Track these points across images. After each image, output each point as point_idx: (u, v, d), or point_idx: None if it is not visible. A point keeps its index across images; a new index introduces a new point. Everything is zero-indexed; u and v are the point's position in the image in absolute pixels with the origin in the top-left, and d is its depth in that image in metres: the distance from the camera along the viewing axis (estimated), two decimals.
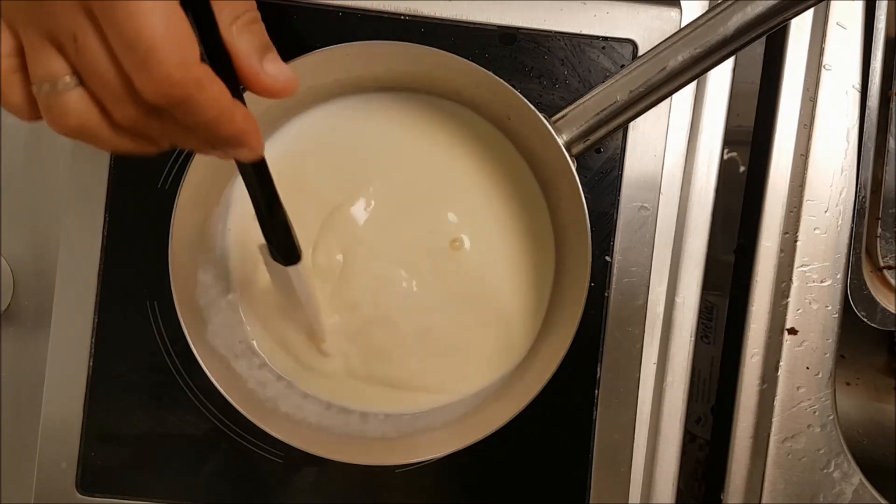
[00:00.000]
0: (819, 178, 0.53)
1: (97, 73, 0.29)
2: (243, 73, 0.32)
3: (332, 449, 0.44)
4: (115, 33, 0.27)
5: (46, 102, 0.30)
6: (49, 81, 0.29)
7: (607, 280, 0.51)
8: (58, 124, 0.31)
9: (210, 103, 0.29)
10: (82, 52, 0.28)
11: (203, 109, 0.29)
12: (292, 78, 0.33)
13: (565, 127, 0.43)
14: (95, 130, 0.31)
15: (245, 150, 0.32)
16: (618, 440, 0.51)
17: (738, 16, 0.40)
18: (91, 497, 0.51)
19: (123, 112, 0.30)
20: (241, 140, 0.32)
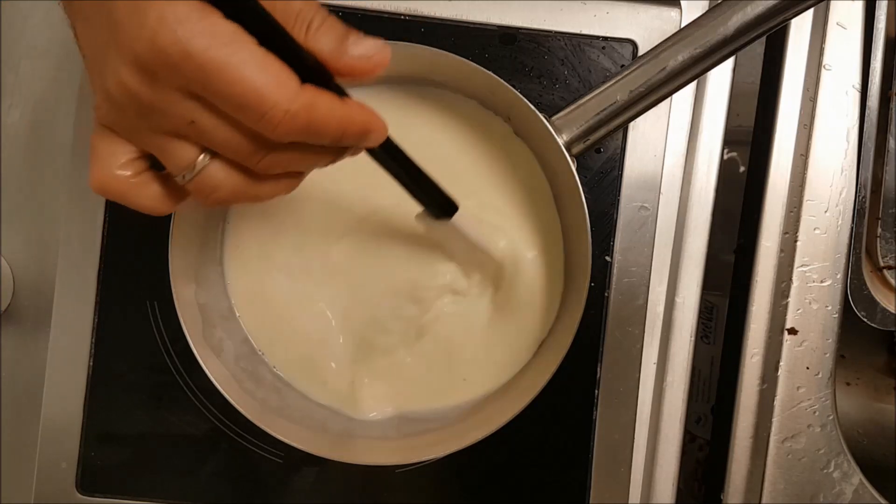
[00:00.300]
0: (819, 178, 0.53)
1: (225, 141, 0.31)
2: (337, 70, 0.32)
3: (332, 449, 0.44)
4: (222, 102, 0.29)
5: (195, 186, 0.33)
6: (188, 168, 0.32)
7: (607, 280, 0.51)
8: (212, 199, 0.33)
9: (328, 117, 0.31)
10: (204, 131, 0.31)
11: (326, 126, 0.31)
12: (381, 46, 0.33)
13: (565, 127, 0.43)
14: (246, 189, 0.33)
15: (373, 137, 0.34)
16: (618, 440, 0.51)
17: (738, 16, 0.40)
18: (91, 497, 0.51)
19: (262, 162, 0.32)
20: (367, 131, 0.33)
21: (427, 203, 0.42)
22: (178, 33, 0.27)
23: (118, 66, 0.29)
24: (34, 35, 0.52)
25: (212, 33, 0.28)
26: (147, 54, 0.28)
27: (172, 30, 0.27)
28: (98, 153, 0.33)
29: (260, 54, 0.29)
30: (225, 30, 0.28)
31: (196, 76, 0.28)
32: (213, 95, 0.29)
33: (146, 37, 0.28)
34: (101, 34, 0.30)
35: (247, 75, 0.28)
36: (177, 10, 0.28)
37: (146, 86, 0.29)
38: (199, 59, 0.28)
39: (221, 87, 0.29)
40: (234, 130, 0.31)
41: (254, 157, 0.32)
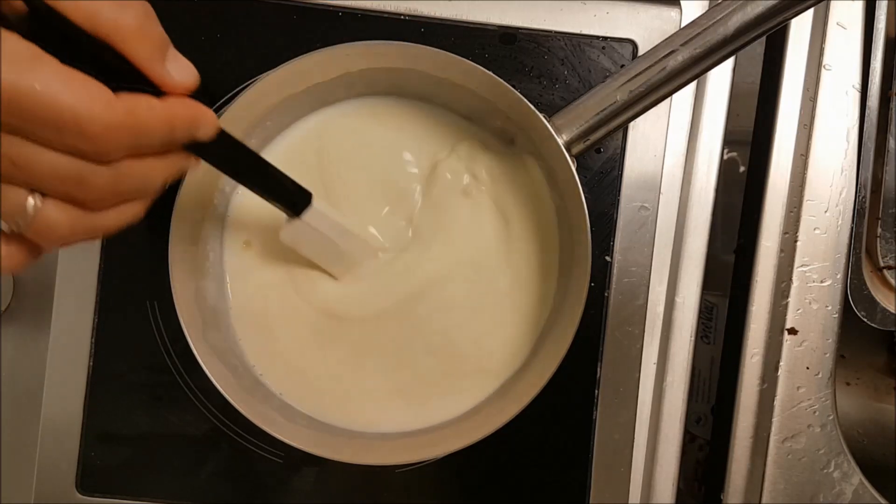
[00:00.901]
0: (819, 178, 0.53)
1: (52, 171, 0.29)
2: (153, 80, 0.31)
3: (332, 449, 0.44)
4: (39, 128, 0.28)
5: (33, 231, 0.31)
6: (20, 214, 0.30)
7: (607, 280, 0.51)
8: (53, 241, 0.31)
9: (150, 117, 0.30)
10: (27, 167, 0.29)
11: (149, 127, 0.30)
12: (194, 75, 0.32)
13: (565, 127, 0.43)
14: (88, 224, 0.32)
15: (204, 127, 0.33)
16: (618, 440, 0.51)
17: (738, 16, 0.40)
18: (91, 497, 0.51)
19: (97, 187, 0.30)
20: (195, 120, 0.32)
21: (279, 198, 0.40)
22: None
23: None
24: None
25: (11, 59, 0.26)
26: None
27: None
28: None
29: (65, 71, 0.28)
30: (23, 51, 0.27)
31: (6, 108, 0.27)
32: (29, 123, 0.28)
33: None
34: None
35: (56, 95, 0.27)
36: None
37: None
38: (10, 95, 0.26)
39: (33, 112, 0.27)
40: (58, 158, 0.29)
41: (85, 184, 0.30)
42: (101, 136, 0.29)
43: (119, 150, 0.30)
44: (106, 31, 0.29)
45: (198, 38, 0.50)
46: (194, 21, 0.50)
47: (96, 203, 0.31)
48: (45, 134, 0.28)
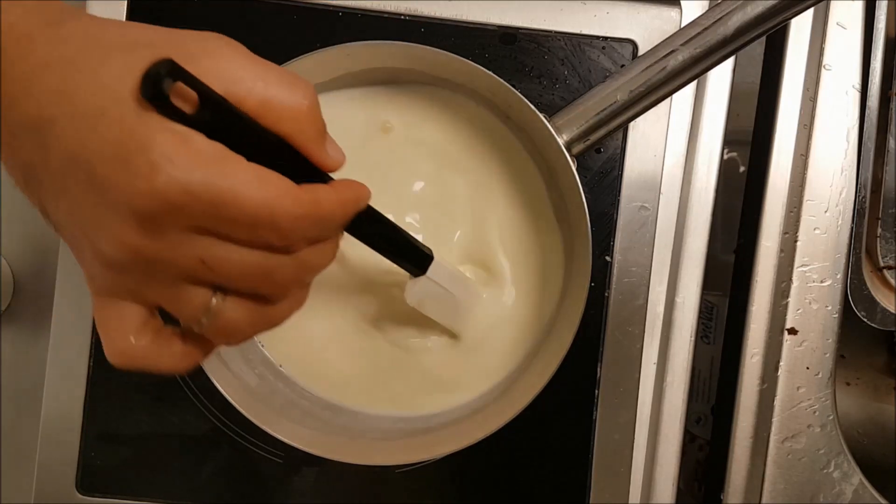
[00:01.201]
0: (819, 178, 0.53)
1: (239, 268, 0.29)
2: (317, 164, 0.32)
3: (332, 449, 0.44)
4: (233, 227, 0.28)
5: (214, 330, 0.31)
6: (203, 313, 0.30)
7: (607, 280, 0.51)
8: (234, 339, 0.32)
9: (331, 206, 0.31)
10: (215, 265, 0.29)
11: (332, 214, 0.31)
12: (343, 153, 0.33)
13: (565, 127, 0.43)
14: (265, 318, 0.32)
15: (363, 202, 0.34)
16: (618, 440, 0.51)
17: (738, 16, 0.40)
18: (91, 497, 0.51)
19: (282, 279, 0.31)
20: (359, 204, 0.33)
21: (410, 259, 0.41)
22: (173, 174, 0.26)
23: (115, 227, 0.27)
24: None
25: (205, 161, 0.27)
26: (148, 205, 0.26)
27: (167, 172, 0.26)
28: (108, 326, 0.31)
29: (254, 169, 0.28)
30: (214, 153, 0.27)
31: (203, 210, 0.27)
32: (223, 223, 0.28)
33: (142, 188, 0.26)
34: (85, 203, 0.27)
35: (251, 194, 0.27)
36: (163, 148, 0.26)
37: (150, 238, 0.27)
38: (204, 193, 0.27)
39: (230, 212, 0.27)
40: (247, 254, 0.29)
41: (271, 278, 0.30)
42: (292, 228, 0.29)
43: (304, 241, 0.30)
44: (277, 117, 0.29)
45: None
46: (194, 21, 0.50)
47: (277, 295, 0.32)
48: (237, 232, 0.28)
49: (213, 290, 0.30)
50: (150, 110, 0.26)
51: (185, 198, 0.26)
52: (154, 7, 0.50)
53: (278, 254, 0.30)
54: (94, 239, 0.28)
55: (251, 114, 0.29)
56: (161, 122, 0.26)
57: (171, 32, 0.29)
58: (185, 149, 0.26)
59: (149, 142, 0.26)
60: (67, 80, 0.27)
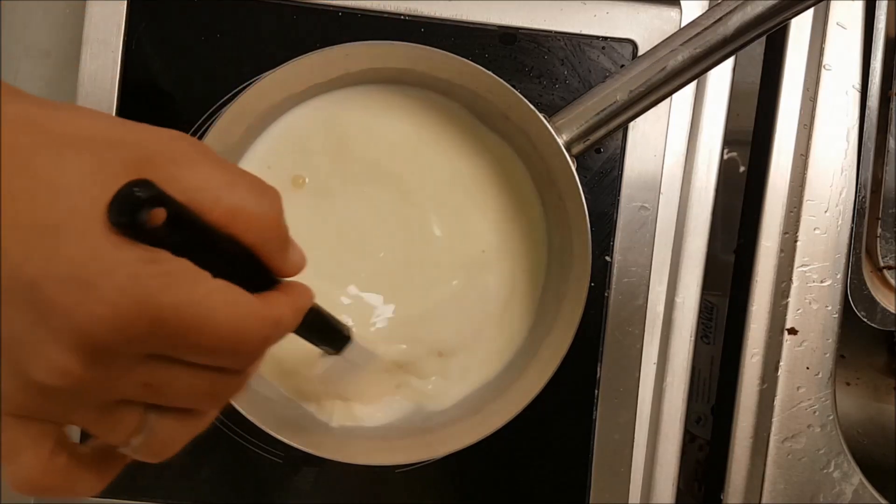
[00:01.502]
0: (819, 178, 0.53)
1: (185, 394, 0.27)
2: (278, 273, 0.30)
3: (332, 449, 0.44)
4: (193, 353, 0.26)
5: (145, 450, 0.28)
6: (134, 434, 0.28)
7: (607, 280, 0.51)
8: (163, 456, 0.30)
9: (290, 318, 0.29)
10: (161, 391, 0.26)
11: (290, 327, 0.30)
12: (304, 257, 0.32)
13: (565, 127, 0.43)
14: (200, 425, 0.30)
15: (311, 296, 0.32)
16: (618, 440, 0.51)
17: (738, 16, 0.40)
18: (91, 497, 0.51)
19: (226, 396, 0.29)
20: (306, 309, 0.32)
21: (333, 343, 0.42)
22: (144, 299, 0.23)
23: (53, 353, 0.23)
24: (34, 35, 0.52)
25: (175, 283, 0.24)
26: (104, 334, 0.23)
27: (135, 297, 0.23)
28: (15, 452, 0.26)
29: (222, 290, 0.25)
30: (184, 273, 0.24)
31: (167, 337, 0.24)
32: (184, 350, 0.25)
33: (103, 315, 0.23)
34: (17, 320, 0.23)
35: (220, 318, 0.25)
36: (130, 269, 0.23)
37: (95, 367, 0.24)
38: (173, 319, 0.24)
39: (194, 339, 0.25)
40: (195, 376, 0.27)
41: (213, 398, 0.28)
42: (254, 352, 0.27)
43: (259, 358, 0.28)
44: (245, 228, 0.27)
45: (198, 38, 0.50)
46: (194, 21, 0.50)
47: (213, 407, 0.30)
48: (194, 356, 0.26)
49: (145, 408, 0.27)
50: (115, 230, 0.23)
51: (153, 325, 0.23)
52: (154, 7, 0.50)
53: (229, 372, 0.28)
54: (20, 359, 0.24)
55: (217, 224, 0.26)
56: (127, 241, 0.23)
57: (131, 129, 0.26)
58: (154, 269, 0.23)
59: (114, 262, 0.23)
60: (7, 179, 0.22)
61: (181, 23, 0.50)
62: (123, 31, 0.50)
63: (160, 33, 0.50)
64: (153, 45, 0.50)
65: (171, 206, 0.24)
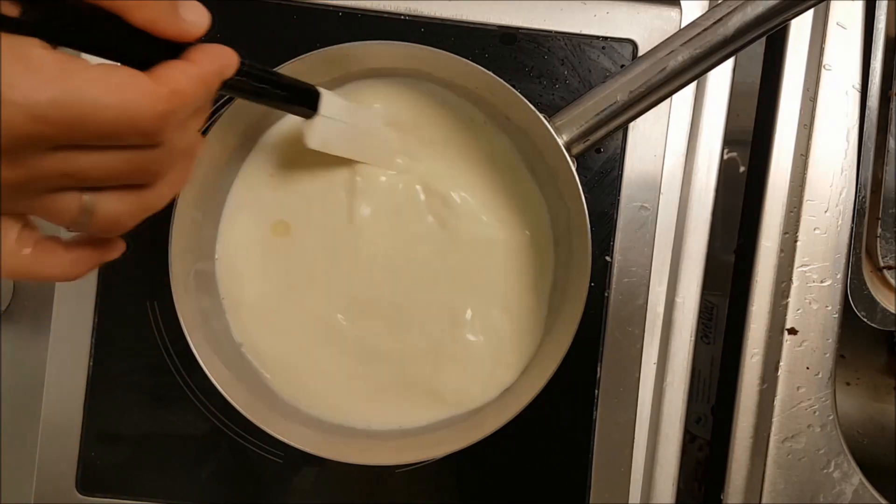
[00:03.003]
0: (819, 178, 0.53)
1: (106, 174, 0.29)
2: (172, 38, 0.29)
3: (332, 449, 0.44)
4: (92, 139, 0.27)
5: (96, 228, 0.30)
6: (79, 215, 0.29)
7: (607, 280, 0.51)
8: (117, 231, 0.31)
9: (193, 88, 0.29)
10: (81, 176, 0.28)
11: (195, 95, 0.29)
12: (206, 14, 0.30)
13: (565, 127, 0.43)
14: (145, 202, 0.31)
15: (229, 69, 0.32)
16: (618, 440, 0.51)
17: (738, 16, 0.40)
18: (91, 497, 0.51)
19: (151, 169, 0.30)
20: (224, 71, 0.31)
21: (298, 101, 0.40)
22: (18, 101, 0.24)
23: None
24: None
25: (49, 78, 0.25)
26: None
27: (10, 101, 0.24)
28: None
29: (102, 75, 0.26)
30: (56, 65, 0.25)
31: (58, 131, 0.26)
32: (81, 138, 0.26)
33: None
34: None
35: (105, 103, 0.26)
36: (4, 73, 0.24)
37: (8, 167, 0.26)
38: (54, 115, 0.25)
39: (86, 128, 0.26)
40: (111, 157, 0.28)
41: (138, 173, 0.29)
42: (156, 128, 0.28)
43: (169, 131, 0.29)
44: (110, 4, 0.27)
45: None
46: None
47: (152, 182, 0.31)
48: (98, 141, 0.27)
49: (82, 191, 0.29)
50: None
51: (36, 125, 0.25)
52: None
53: (145, 148, 0.29)
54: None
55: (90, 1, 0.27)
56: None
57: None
58: (25, 68, 0.25)
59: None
60: None
61: None
62: None
63: None
64: None
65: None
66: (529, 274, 0.48)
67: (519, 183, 0.48)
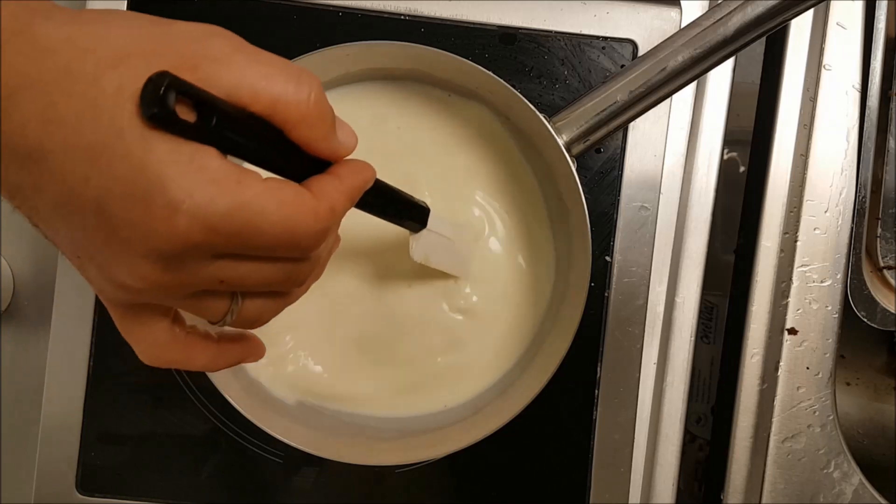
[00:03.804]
0: (819, 178, 0.53)
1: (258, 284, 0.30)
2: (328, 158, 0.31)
3: (332, 449, 0.44)
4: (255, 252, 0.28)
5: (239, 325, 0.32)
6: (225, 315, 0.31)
7: (607, 280, 0.51)
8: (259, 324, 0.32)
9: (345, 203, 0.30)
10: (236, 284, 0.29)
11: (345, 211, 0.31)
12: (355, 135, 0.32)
13: (565, 127, 0.43)
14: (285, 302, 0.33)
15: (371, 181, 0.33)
16: (618, 440, 0.51)
17: (738, 16, 0.40)
18: (91, 497, 0.51)
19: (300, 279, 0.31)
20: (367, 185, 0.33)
21: (413, 217, 0.41)
22: (194, 212, 0.25)
23: (131, 262, 0.26)
24: None
25: (223, 190, 0.25)
26: (169, 247, 0.25)
27: (187, 211, 0.24)
28: (133, 335, 0.31)
29: (271, 189, 0.27)
30: (230, 175, 0.26)
31: (225, 241, 0.26)
32: (244, 249, 0.27)
33: (162, 231, 0.25)
34: (93, 237, 0.26)
35: (272, 219, 0.26)
36: (179, 182, 0.24)
37: (170, 271, 0.26)
38: (225, 227, 0.26)
39: (252, 241, 0.27)
40: (265, 269, 0.29)
41: (285, 283, 0.31)
42: (313, 244, 0.29)
43: (322, 245, 0.30)
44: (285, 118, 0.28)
45: None
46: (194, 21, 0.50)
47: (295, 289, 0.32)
48: (258, 253, 0.28)
49: (232, 296, 0.30)
50: (154, 134, 0.24)
51: (208, 235, 0.25)
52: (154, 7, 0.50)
53: (297, 260, 0.30)
54: (105, 267, 0.27)
55: (261, 116, 0.28)
56: (169, 148, 0.24)
57: (163, 34, 0.26)
58: (201, 177, 0.25)
59: (163, 177, 0.24)
60: (55, 106, 0.24)
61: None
62: None
63: None
64: None
65: (194, 92, 0.25)
66: (530, 273, 0.48)
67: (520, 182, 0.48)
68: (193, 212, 0.25)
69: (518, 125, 0.46)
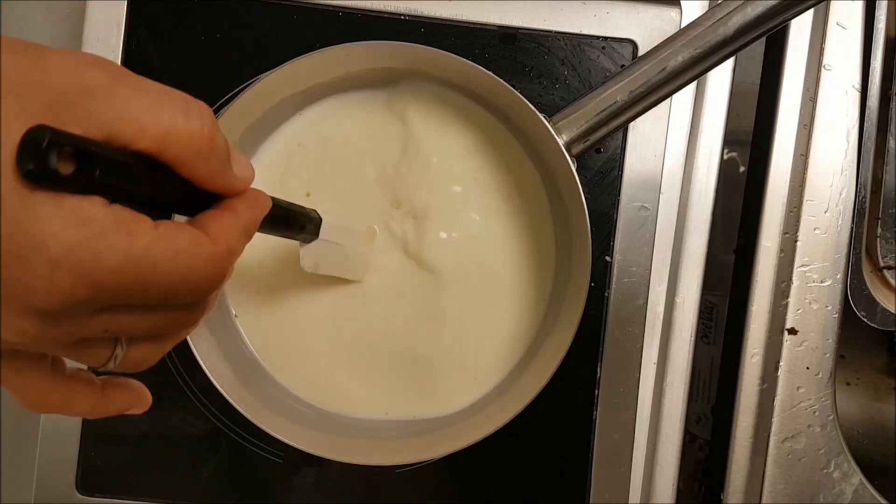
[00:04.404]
0: (819, 178, 0.53)
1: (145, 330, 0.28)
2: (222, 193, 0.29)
3: (332, 449, 0.44)
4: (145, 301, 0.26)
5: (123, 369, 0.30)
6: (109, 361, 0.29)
7: (607, 280, 0.51)
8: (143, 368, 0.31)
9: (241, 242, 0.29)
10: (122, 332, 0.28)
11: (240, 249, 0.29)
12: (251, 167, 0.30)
13: (565, 127, 0.43)
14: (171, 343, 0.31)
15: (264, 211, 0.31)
16: (618, 440, 0.51)
17: (738, 16, 0.40)
18: (91, 497, 0.51)
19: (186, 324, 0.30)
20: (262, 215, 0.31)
21: (305, 234, 0.40)
22: (78, 269, 0.23)
23: (9, 319, 0.24)
24: (35, 35, 0.52)
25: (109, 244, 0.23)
26: (50, 304, 0.23)
27: (69, 270, 0.23)
28: (11, 382, 0.28)
29: (163, 237, 0.25)
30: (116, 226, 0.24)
31: (114, 297, 0.24)
32: (135, 301, 0.25)
33: (42, 289, 0.23)
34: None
35: (165, 270, 0.25)
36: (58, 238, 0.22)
37: (52, 327, 0.24)
38: (113, 284, 0.24)
39: (143, 294, 0.25)
40: (153, 316, 0.27)
41: (173, 327, 0.29)
42: (211, 288, 0.27)
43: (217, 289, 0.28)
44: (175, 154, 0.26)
45: (198, 38, 0.50)
46: (194, 21, 0.50)
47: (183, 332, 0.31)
48: (150, 303, 0.26)
49: (116, 342, 0.28)
50: (32, 189, 0.22)
51: (94, 292, 0.24)
52: (154, 7, 0.50)
53: (188, 305, 0.28)
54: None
55: (148, 153, 0.25)
56: (50, 202, 0.22)
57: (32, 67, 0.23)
58: (86, 232, 0.23)
59: (42, 234, 0.22)
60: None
61: (181, 23, 0.50)
62: (123, 31, 0.50)
63: (160, 33, 0.50)
64: (153, 45, 0.50)
65: (76, 143, 0.23)
66: (529, 273, 0.48)
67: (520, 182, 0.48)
68: (77, 269, 0.23)
69: (518, 125, 0.46)
